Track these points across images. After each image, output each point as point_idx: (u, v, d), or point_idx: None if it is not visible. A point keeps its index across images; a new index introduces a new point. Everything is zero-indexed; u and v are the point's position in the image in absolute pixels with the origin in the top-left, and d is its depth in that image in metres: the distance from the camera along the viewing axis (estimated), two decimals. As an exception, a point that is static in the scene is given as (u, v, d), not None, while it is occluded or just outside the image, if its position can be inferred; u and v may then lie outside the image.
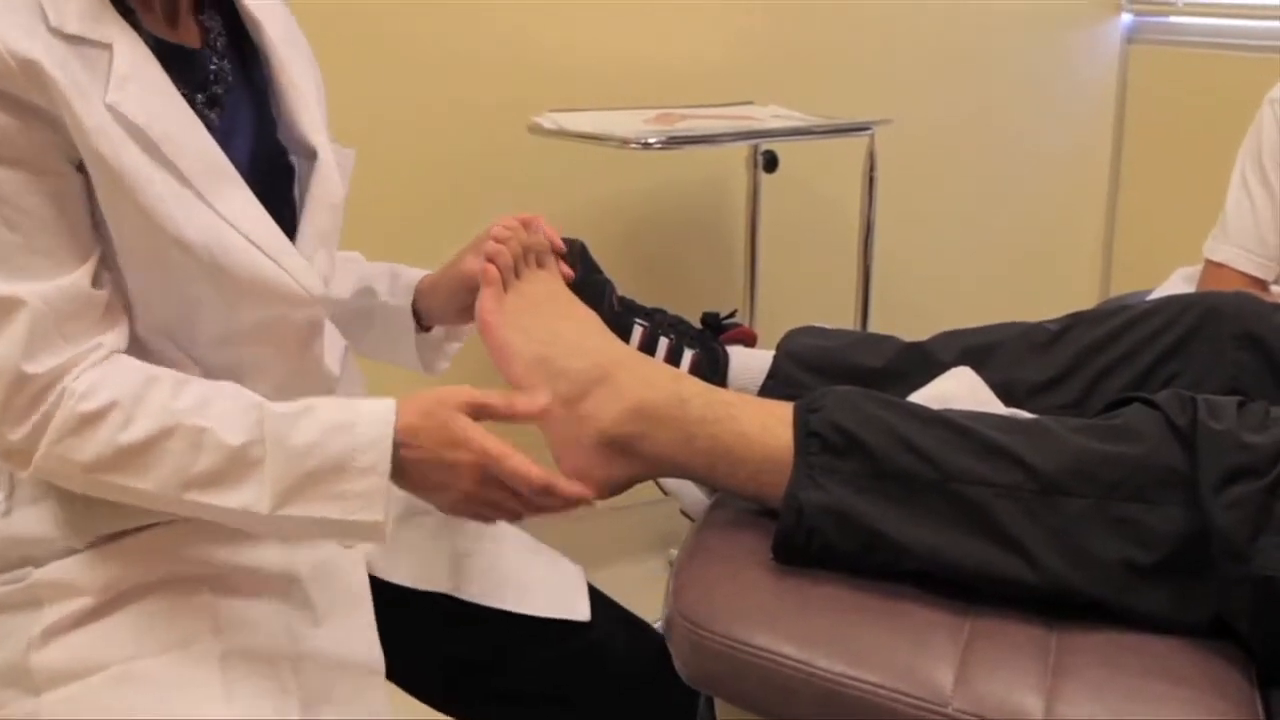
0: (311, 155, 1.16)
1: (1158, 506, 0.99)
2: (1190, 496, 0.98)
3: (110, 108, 0.97)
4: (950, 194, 2.67)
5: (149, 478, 0.96)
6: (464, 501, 1.03)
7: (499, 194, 2.22)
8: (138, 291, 1.02)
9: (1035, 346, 1.27)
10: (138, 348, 1.03)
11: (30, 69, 0.92)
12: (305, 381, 1.13)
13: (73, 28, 0.96)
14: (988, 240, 2.73)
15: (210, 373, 1.05)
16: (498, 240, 1.20)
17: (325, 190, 1.15)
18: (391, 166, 2.14)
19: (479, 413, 1.04)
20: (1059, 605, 0.99)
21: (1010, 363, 1.26)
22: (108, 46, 0.98)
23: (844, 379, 1.28)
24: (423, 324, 1.31)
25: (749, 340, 1.39)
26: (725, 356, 1.35)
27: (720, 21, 2.36)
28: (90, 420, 0.95)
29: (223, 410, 0.99)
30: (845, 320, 2.26)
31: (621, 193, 2.33)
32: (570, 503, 1.07)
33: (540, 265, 1.22)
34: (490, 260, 1.18)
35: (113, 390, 0.96)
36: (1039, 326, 1.29)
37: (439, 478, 1.01)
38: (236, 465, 0.97)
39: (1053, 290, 2.82)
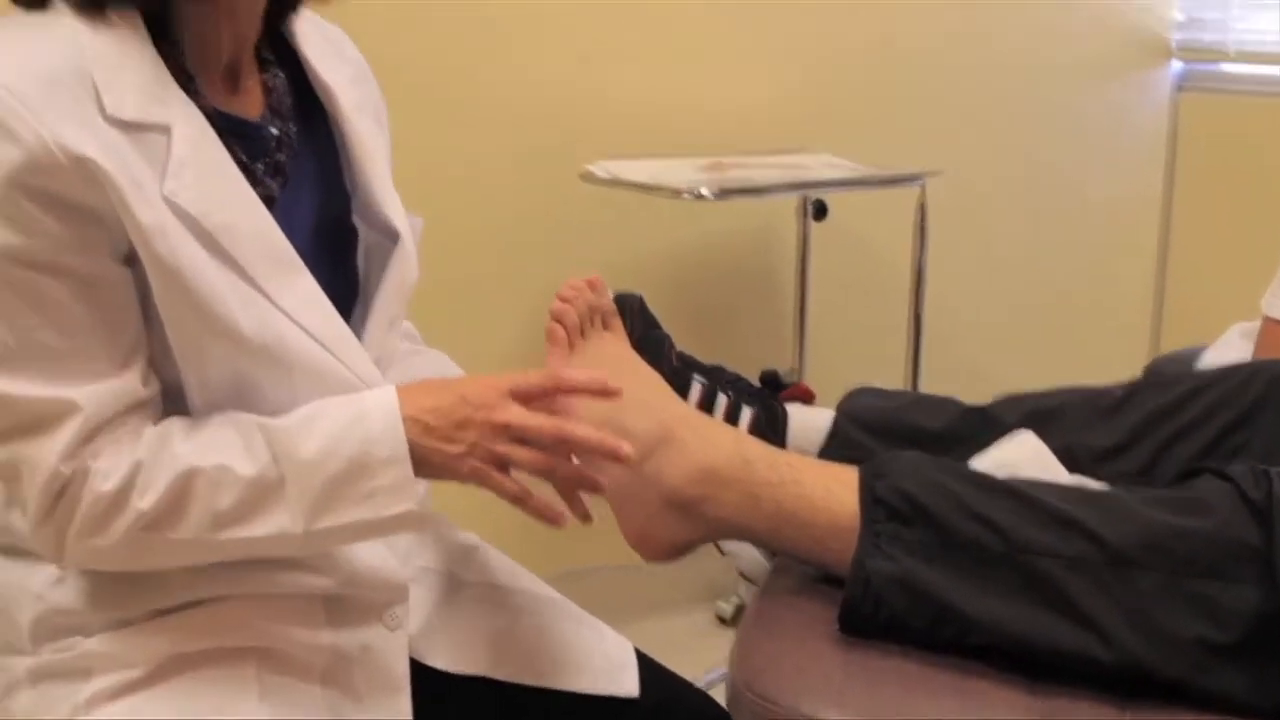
0: (390, 234, 1.13)
1: (1232, 583, 0.97)
2: (1266, 573, 0.96)
3: (167, 198, 0.93)
4: (1000, 242, 2.66)
5: (181, 529, 0.95)
6: (470, 455, 0.98)
7: (548, 241, 2.22)
8: (192, 377, 0.99)
9: (1099, 411, 1.26)
10: None
11: (84, 167, 0.89)
12: None
13: (130, 113, 0.92)
14: (1038, 289, 2.72)
15: None
16: (564, 300, 1.20)
17: (402, 274, 1.12)
18: (443, 214, 2.14)
19: (520, 398, 1.00)
20: (1131, 685, 0.97)
21: (1074, 428, 1.25)
22: (166, 129, 0.94)
23: (905, 441, 1.27)
24: None
25: (807, 398, 1.39)
26: (784, 415, 1.35)
27: (771, 69, 2.37)
28: (113, 501, 0.94)
29: (230, 441, 0.97)
30: (895, 368, 2.25)
31: (670, 239, 2.33)
32: (598, 446, 1.00)
33: (605, 326, 1.22)
34: (557, 320, 1.18)
35: (132, 454, 0.95)
36: (1103, 391, 1.28)
37: (450, 448, 0.98)
38: (258, 492, 0.96)
39: (1104, 341, 2.80)
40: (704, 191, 1.88)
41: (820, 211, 2.28)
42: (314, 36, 1.14)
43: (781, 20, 2.36)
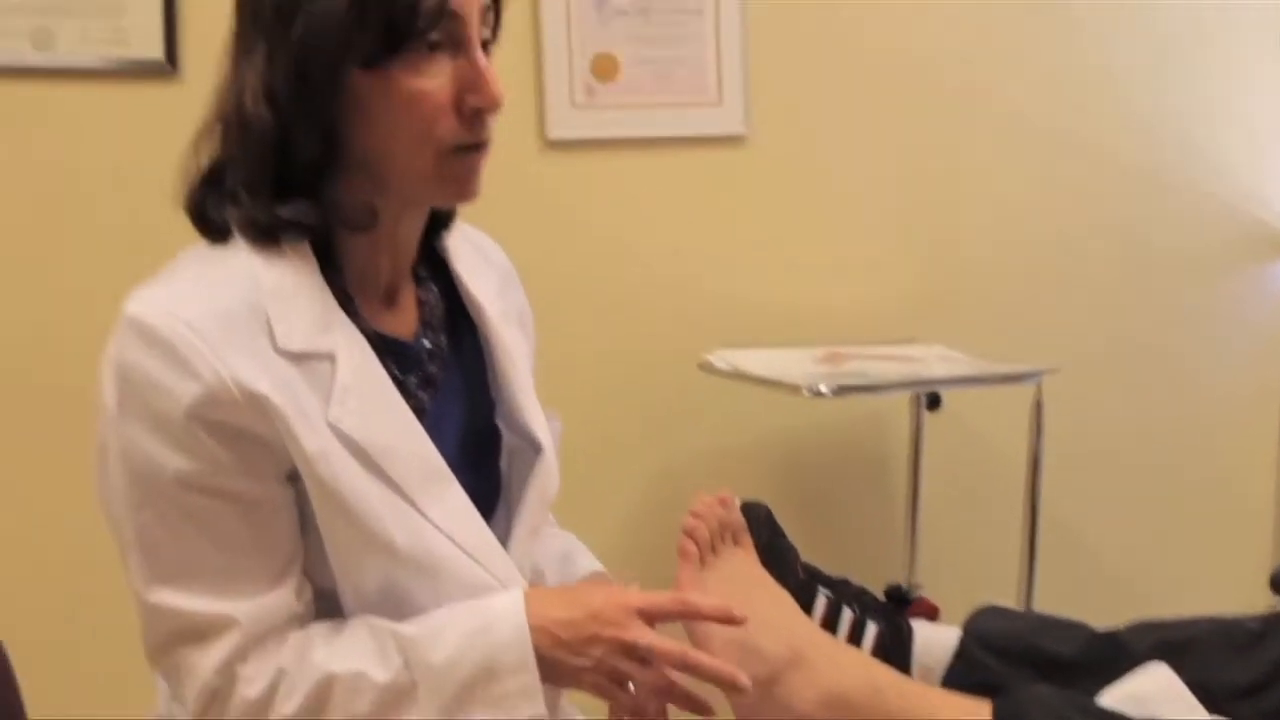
0: (533, 444, 1.18)
1: None
2: None
3: (331, 424, 0.99)
4: (1115, 438, 2.62)
5: None
6: (595, 670, 1.02)
7: (665, 429, 2.25)
8: (346, 584, 1.04)
9: (1236, 646, 1.24)
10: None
11: (256, 402, 0.96)
12: None
13: (298, 344, 0.99)
14: (1154, 488, 2.66)
15: None
16: (696, 517, 1.22)
17: (544, 485, 1.17)
18: (566, 401, 2.18)
19: (647, 618, 1.03)
20: None
21: (1210, 662, 1.23)
22: (331, 356, 1.01)
23: (1032, 666, 1.26)
24: None
25: (932, 615, 1.39)
26: (909, 631, 1.34)
27: (886, 262, 2.41)
28: (258, 707, 0.99)
29: (365, 648, 1.01)
30: (1009, 563, 2.21)
31: (782, 425, 2.35)
32: (718, 674, 1.02)
33: (736, 542, 1.24)
34: (689, 536, 1.21)
35: (276, 661, 1.00)
36: (1239, 624, 1.26)
37: (577, 661, 1.02)
38: (393, 697, 0.99)
39: (1225, 544, 2.72)
40: (823, 389, 1.91)
41: (934, 402, 2.29)
42: (464, 247, 1.21)
43: (896, 214, 2.41)
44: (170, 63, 1.95)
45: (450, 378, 1.15)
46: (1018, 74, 2.46)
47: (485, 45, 1.04)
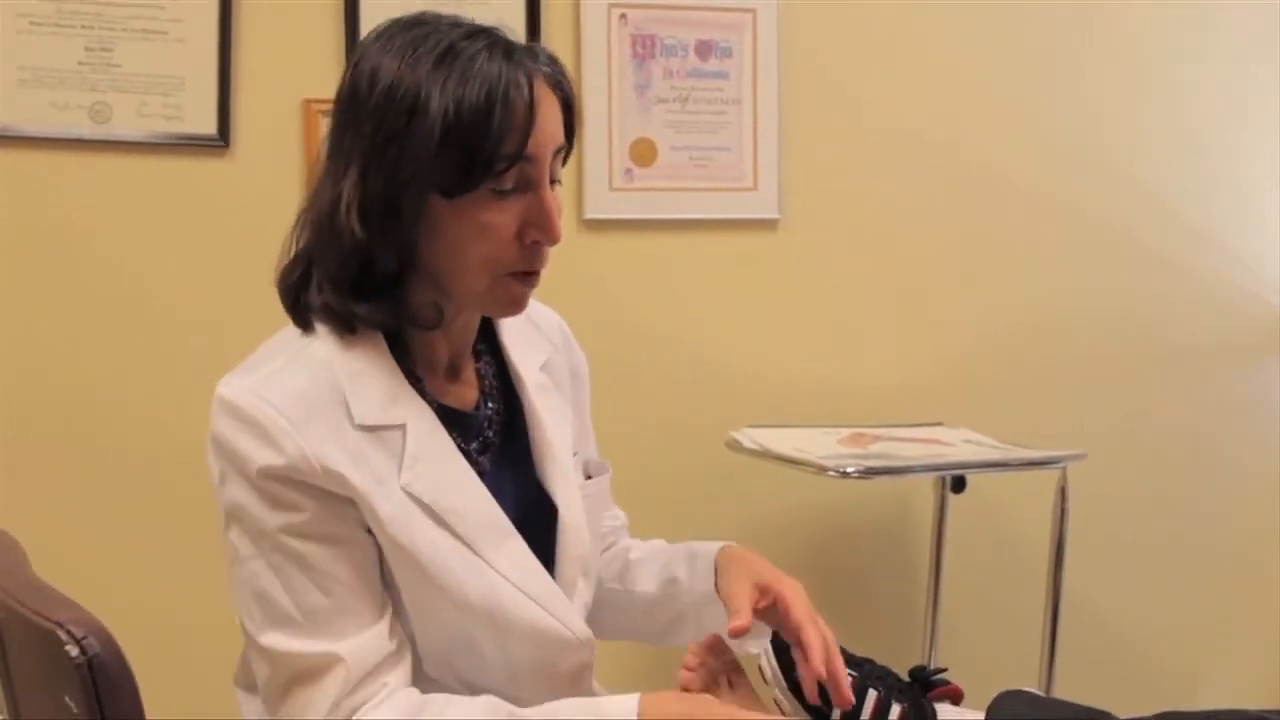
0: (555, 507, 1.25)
1: None
2: None
3: (404, 488, 1.10)
4: (1141, 521, 2.63)
5: None
6: None
7: (690, 505, 2.28)
8: (422, 638, 1.13)
9: (1260, 738, 1.25)
10: (424, 682, 1.13)
11: (333, 474, 1.07)
12: None
13: (372, 418, 1.10)
14: (1179, 574, 2.66)
15: None
16: (689, 669, 1.26)
17: (569, 543, 1.24)
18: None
19: None
20: None
21: (1233, 754, 1.24)
22: (402, 427, 1.12)
23: (1057, 754, 1.27)
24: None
25: (956, 698, 1.40)
26: (933, 713, 1.36)
27: (910, 345, 2.44)
28: None
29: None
30: (1030, 648, 2.22)
31: (806, 502, 2.37)
32: None
33: (732, 685, 1.27)
34: (685, 690, 1.24)
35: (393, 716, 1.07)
36: (1267, 714, 1.27)
37: None
38: None
39: (1248, 632, 2.72)
40: (850, 470, 1.93)
41: (958, 485, 2.31)
42: (518, 320, 1.28)
43: (923, 298, 2.46)
44: (223, 138, 2.02)
45: (507, 443, 1.25)
46: (1044, 161, 2.51)
47: (553, 181, 1.13)
